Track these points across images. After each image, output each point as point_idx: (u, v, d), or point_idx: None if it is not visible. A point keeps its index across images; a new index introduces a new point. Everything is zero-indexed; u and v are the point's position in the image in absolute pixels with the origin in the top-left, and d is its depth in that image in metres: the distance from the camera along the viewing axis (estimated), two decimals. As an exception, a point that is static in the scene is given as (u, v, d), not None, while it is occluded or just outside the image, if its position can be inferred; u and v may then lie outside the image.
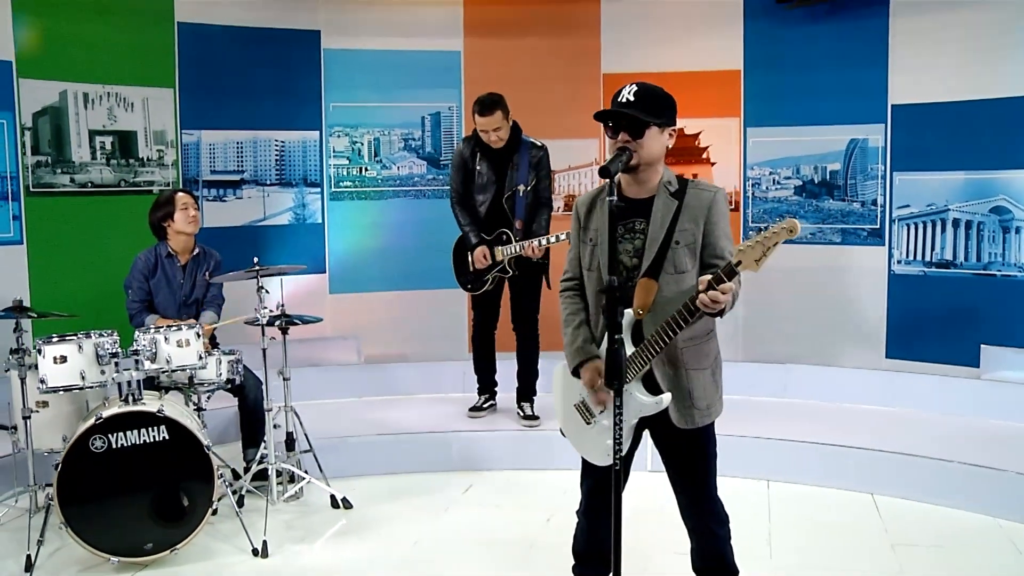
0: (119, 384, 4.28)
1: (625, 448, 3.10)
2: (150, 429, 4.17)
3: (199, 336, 4.49)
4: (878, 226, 6.67)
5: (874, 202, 6.67)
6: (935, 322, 6.49)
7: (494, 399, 5.92)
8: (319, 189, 7.13)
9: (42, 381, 4.21)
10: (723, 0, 6.98)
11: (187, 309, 5.13)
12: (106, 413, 4.14)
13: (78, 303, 5.77)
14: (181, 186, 6.53)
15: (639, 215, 3.07)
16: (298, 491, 4.97)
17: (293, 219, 7.07)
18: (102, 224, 6.21)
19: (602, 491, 3.15)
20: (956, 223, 6.41)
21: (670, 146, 3.15)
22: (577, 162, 7.32)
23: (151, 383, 4.69)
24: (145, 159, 6.45)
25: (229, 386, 4.86)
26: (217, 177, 6.79)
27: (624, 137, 3.03)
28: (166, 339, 4.41)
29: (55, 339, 4.26)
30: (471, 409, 5.85)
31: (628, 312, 3.01)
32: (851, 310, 6.79)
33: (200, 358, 4.49)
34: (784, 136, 6.96)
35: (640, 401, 3.02)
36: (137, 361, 4.30)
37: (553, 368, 3.32)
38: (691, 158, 7.19)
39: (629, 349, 3.00)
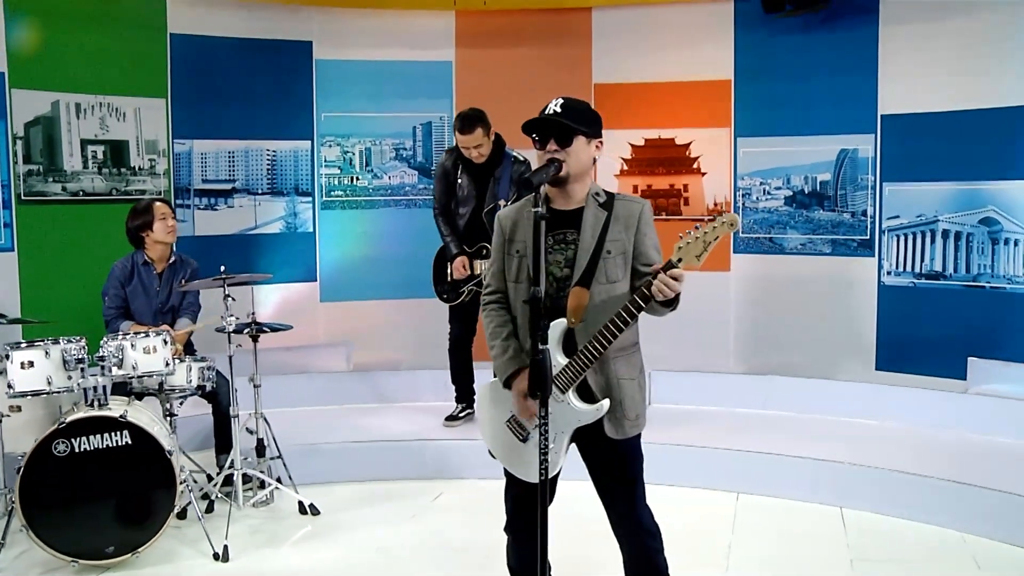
0: (85, 389, 4.35)
1: (561, 463, 3.13)
2: (113, 434, 4.25)
3: (167, 343, 4.56)
4: (868, 237, 6.62)
5: (864, 213, 6.62)
6: (924, 334, 6.43)
7: (472, 408, 5.94)
8: (310, 198, 7.21)
9: (10, 386, 4.29)
10: (714, 10, 6.97)
11: (163, 316, 5.20)
12: (70, 418, 4.22)
13: (68, 309, 5.90)
14: (172, 195, 6.64)
15: (569, 226, 3.09)
16: (268, 497, 5.02)
17: (284, 228, 7.15)
18: (93, 232, 6.31)
19: (527, 505, 3.13)
20: (946, 234, 6.35)
21: (597, 158, 3.17)
22: (569, 172, 7.31)
23: (124, 389, 4.77)
24: (137, 168, 6.56)
25: (200, 392, 4.92)
26: (209, 186, 6.89)
27: (552, 147, 3.05)
28: (132, 346, 4.48)
29: (23, 344, 4.34)
30: (447, 418, 5.88)
31: (561, 322, 3.03)
32: (841, 322, 6.74)
33: (167, 364, 4.55)
34: (775, 147, 6.93)
35: (578, 410, 3.02)
36: (103, 367, 4.37)
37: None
38: (682, 168, 7.18)
39: (563, 359, 3.01)
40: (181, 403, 4.95)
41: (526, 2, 7.12)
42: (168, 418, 4.84)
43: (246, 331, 4.90)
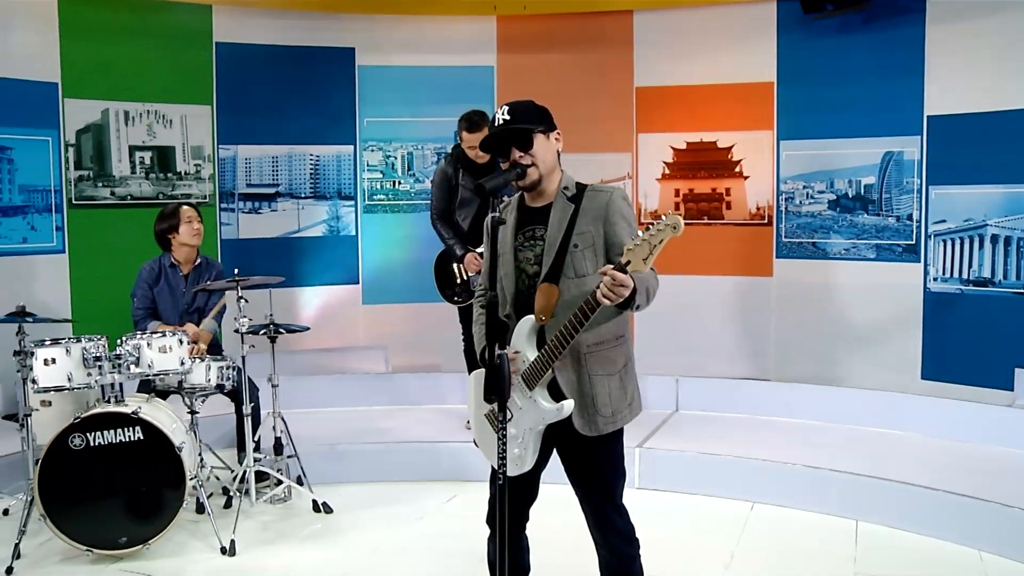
0: (102, 386, 4.53)
1: (532, 460, 3.13)
2: (125, 429, 4.41)
3: (182, 343, 4.71)
4: (913, 242, 6.42)
5: (909, 217, 6.43)
6: (970, 342, 6.20)
7: (496, 411, 5.96)
8: (353, 202, 7.35)
9: (33, 381, 4.50)
10: (756, 11, 6.86)
11: (189, 317, 5.37)
12: (85, 413, 4.41)
13: (115, 309, 6.11)
14: (217, 199, 6.86)
15: (538, 222, 3.09)
16: (285, 494, 5.15)
17: (327, 231, 7.30)
18: (140, 235, 6.47)
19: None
20: (995, 239, 6.11)
21: (560, 149, 3.15)
22: (610, 176, 7.30)
23: (148, 387, 4.96)
24: (183, 173, 6.80)
25: (220, 391, 5.06)
26: (253, 190, 7.09)
27: (517, 154, 3.06)
28: (149, 344, 4.64)
29: (47, 342, 4.54)
30: (470, 421, 5.90)
31: (530, 318, 3.03)
32: (886, 330, 6.55)
33: (182, 363, 4.70)
34: (818, 149, 6.78)
35: (543, 408, 3.00)
36: (119, 365, 4.55)
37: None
38: (724, 172, 7.09)
39: (532, 356, 3.01)
40: (203, 401, 5.10)
41: (566, 6, 7.13)
42: (191, 415, 5.00)
43: (262, 332, 5.03)
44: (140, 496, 4.42)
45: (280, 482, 5.13)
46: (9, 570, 4.31)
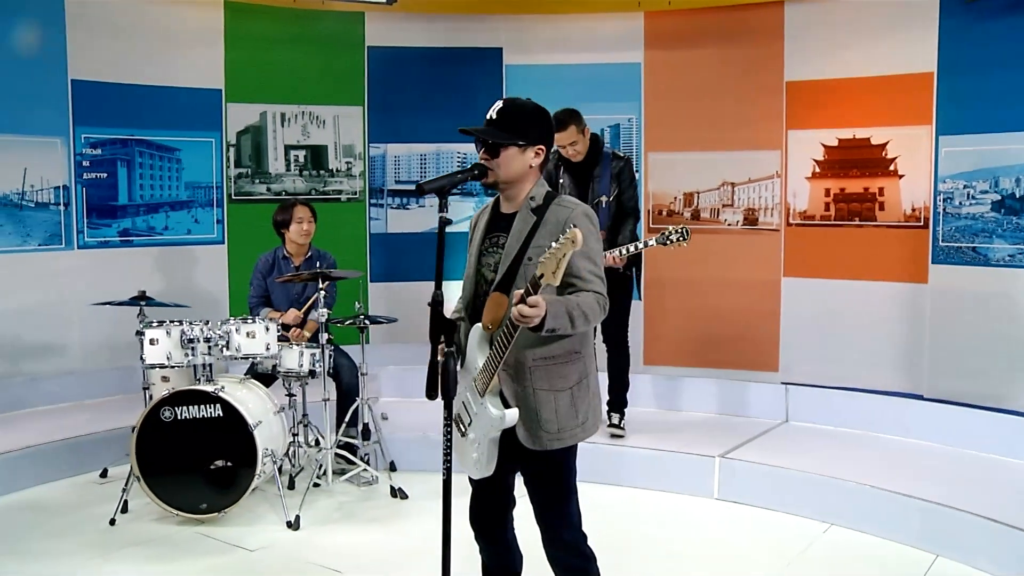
0: (194, 366, 4.99)
1: (491, 466, 3.14)
2: (207, 406, 4.84)
3: (268, 329, 5.08)
4: (1087, 249, 5.69)
5: (1083, 221, 5.70)
6: None
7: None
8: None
9: (142, 359, 5.04)
10: (915, -1, 6.32)
11: (299, 306, 5.75)
12: (174, 389, 4.88)
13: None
14: (367, 195, 7.26)
15: (502, 230, 3.10)
16: (372, 478, 5.41)
17: (472, 226, 7.50)
18: (292, 228, 7.09)
19: (476, 500, 3.27)
20: None
21: (534, 164, 3.09)
22: (759, 175, 7.00)
23: (254, 371, 5.42)
24: (335, 170, 7.26)
25: (312, 376, 5.37)
26: (401, 187, 7.43)
27: (483, 155, 3.08)
28: (237, 330, 5.05)
29: (154, 324, 5.06)
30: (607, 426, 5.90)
31: (478, 326, 3.06)
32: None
33: (267, 348, 5.08)
34: (981, 145, 6.13)
35: (491, 415, 3.01)
36: (210, 347, 4.99)
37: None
38: (877, 170, 6.59)
39: (481, 361, 3.03)
40: (300, 385, 5.46)
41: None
42: (288, 398, 5.39)
43: (349, 323, 5.31)
44: (218, 468, 4.83)
45: (366, 462, 5.41)
46: (112, 521, 4.87)
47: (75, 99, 6.53)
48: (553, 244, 2.69)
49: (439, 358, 2.98)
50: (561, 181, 5.72)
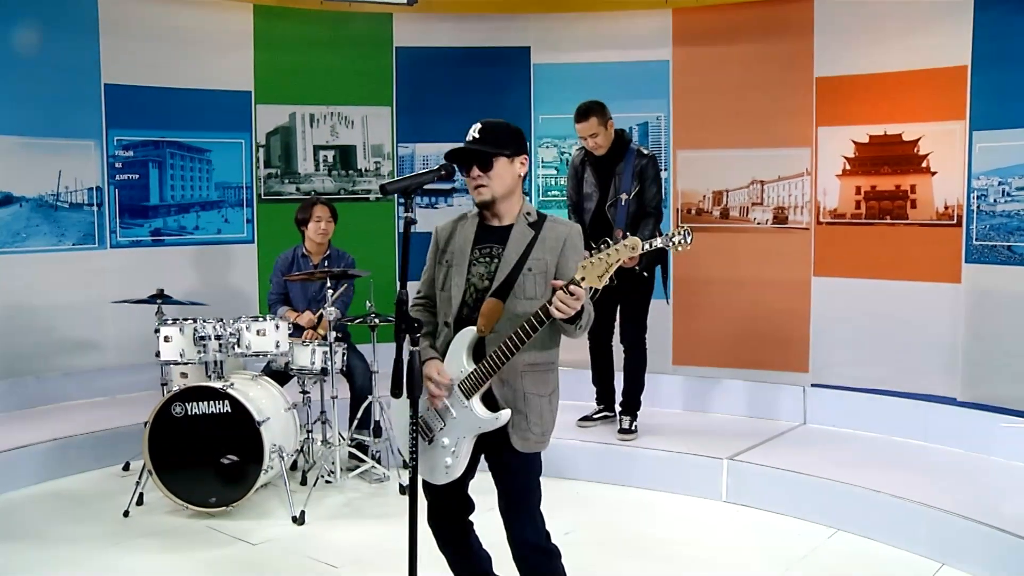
0: (205, 363, 5.09)
1: (462, 467, 3.19)
2: (216, 402, 4.93)
3: (278, 328, 5.16)
4: None
5: (1122, 219, 5.48)
6: None
7: (612, 411, 5.88)
8: (527, 198, 7.47)
9: (157, 354, 5.15)
10: (950, -11, 6.14)
11: (316, 305, 5.82)
12: (184, 385, 4.98)
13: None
14: (396, 195, 7.31)
15: (497, 241, 3.18)
16: (384, 475, 5.45)
17: (501, 226, 7.51)
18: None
19: (437, 508, 3.34)
20: None
21: (522, 175, 3.20)
22: (788, 172, 6.87)
23: (269, 369, 5.51)
24: (363, 170, 7.34)
25: (324, 375, 5.43)
26: (429, 186, 7.43)
27: (476, 173, 3.13)
28: (247, 328, 5.13)
29: (169, 321, 5.18)
30: (581, 419, 5.88)
31: (471, 329, 3.11)
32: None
33: (277, 346, 5.15)
34: (1017, 140, 5.93)
35: (479, 417, 3.08)
36: (220, 345, 5.08)
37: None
38: (909, 167, 6.41)
39: (469, 366, 3.09)
40: (314, 382, 5.53)
41: (741, -6, 6.82)
42: (302, 395, 5.46)
43: (359, 321, 5.36)
44: (227, 463, 4.91)
45: (380, 460, 5.46)
46: (126, 513, 4.99)
47: (108, 102, 6.71)
48: (602, 249, 2.88)
49: (404, 356, 3.00)
50: (586, 175, 5.71)
